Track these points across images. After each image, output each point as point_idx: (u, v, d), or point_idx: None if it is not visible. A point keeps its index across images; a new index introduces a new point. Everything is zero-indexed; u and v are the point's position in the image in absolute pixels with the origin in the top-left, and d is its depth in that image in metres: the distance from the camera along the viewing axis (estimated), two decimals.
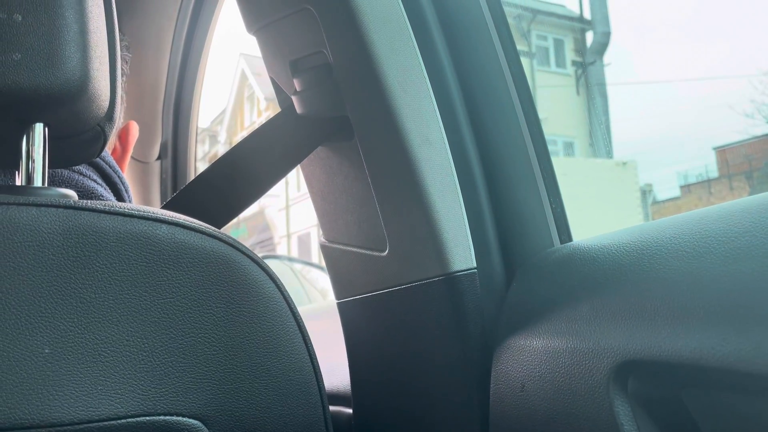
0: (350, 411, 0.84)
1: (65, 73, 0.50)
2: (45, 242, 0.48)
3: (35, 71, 0.49)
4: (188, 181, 0.95)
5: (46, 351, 0.47)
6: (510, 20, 0.76)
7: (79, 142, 0.57)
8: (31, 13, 0.50)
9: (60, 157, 0.57)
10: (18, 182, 0.54)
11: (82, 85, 0.51)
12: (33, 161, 0.53)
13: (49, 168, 0.55)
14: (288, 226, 15.44)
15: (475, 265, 0.66)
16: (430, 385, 0.70)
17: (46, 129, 0.54)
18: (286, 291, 0.57)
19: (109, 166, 0.79)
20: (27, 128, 0.53)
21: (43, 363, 0.47)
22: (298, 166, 0.80)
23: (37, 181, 0.54)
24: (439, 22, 0.71)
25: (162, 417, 0.50)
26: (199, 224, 0.54)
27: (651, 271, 0.53)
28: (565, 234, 0.71)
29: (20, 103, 0.50)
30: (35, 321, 0.47)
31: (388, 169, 0.69)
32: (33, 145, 0.53)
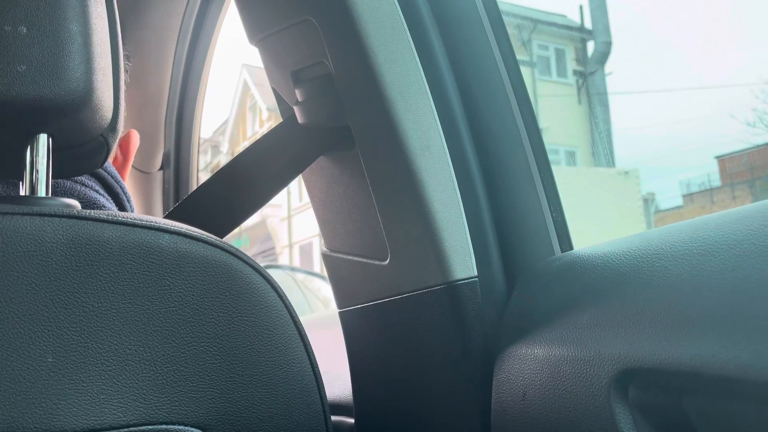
0: (352, 421, 0.84)
1: (69, 85, 0.51)
2: (49, 252, 0.49)
3: (40, 83, 0.50)
4: (190, 191, 0.96)
5: (50, 360, 0.48)
6: (511, 30, 0.77)
7: (82, 152, 0.57)
8: (35, 25, 0.50)
9: (63, 167, 0.58)
10: (22, 192, 0.55)
11: (85, 96, 0.52)
12: (37, 172, 0.54)
13: (52, 178, 0.55)
14: (290, 235, 15.45)
15: (476, 273, 0.67)
16: (432, 393, 0.70)
17: (50, 140, 0.54)
18: (288, 300, 0.57)
19: (111, 176, 0.79)
20: (31, 139, 0.54)
21: (47, 372, 0.47)
22: (300, 175, 0.81)
23: (41, 192, 0.54)
24: (439, 31, 0.72)
25: (164, 426, 0.50)
26: (201, 233, 0.54)
27: (651, 279, 0.53)
28: (565, 242, 0.71)
29: (25, 115, 0.51)
30: (38, 330, 0.48)
31: (388, 178, 0.69)
32: (37, 155, 0.54)
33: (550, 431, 0.56)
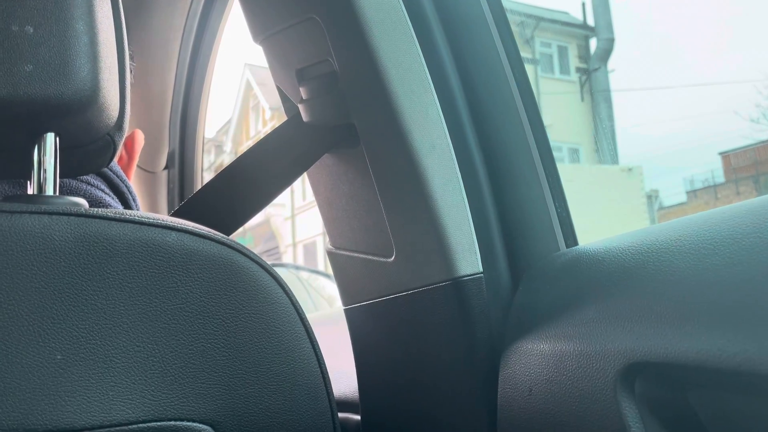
0: (358, 418, 0.84)
1: (76, 84, 0.51)
2: (57, 250, 0.49)
3: (47, 82, 0.50)
4: (195, 191, 0.96)
5: (58, 357, 0.48)
6: (514, 28, 0.77)
7: (89, 151, 0.57)
8: (42, 25, 0.51)
9: (71, 166, 0.58)
10: (29, 191, 0.55)
11: (92, 95, 0.52)
12: (44, 171, 0.54)
13: (59, 177, 0.56)
14: (294, 234, 15.46)
15: (481, 269, 0.67)
16: (438, 390, 0.70)
17: (57, 139, 0.54)
18: (295, 297, 0.57)
19: (117, 175, 0.80)
20: (38, 138, 0.54)
21: (55, 369, 0.48)
22: (305, 173, 0.81)
23: (49, 191, 0.54)
24: (443, 29, 0.72)
25: (172, 422, 0.50)
26: (208, 231, 0.55)
27: (656, 273, 0.53)
28: (570, 238, 0.71)
29: (32, 114, 0.51)
30: (47, 327, 0.48)
31: (393, 175, 0.69)
32: (44, 155, 0.54)
33: (556, 426, 0.56)
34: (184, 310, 0.52)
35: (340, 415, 0.88)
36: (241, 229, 0.80)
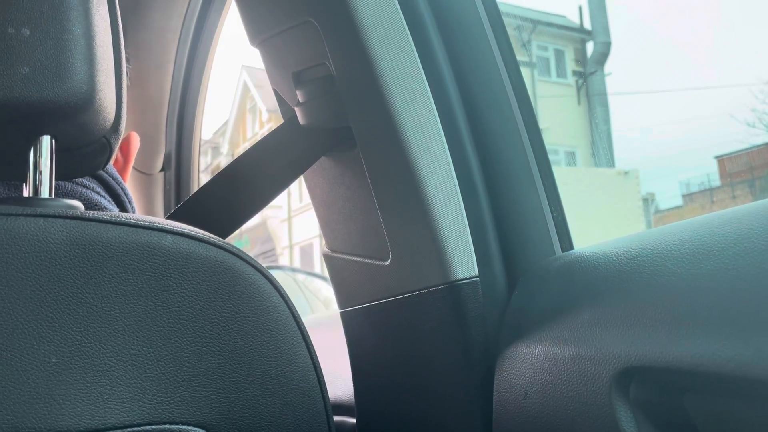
0: (353, 421, 0.84)
1: (72, 86, 0.51)
2: (52, 253, 0.49)
3: (43, 84, 0.50)
4: (192, 193, 0.96)
5: (53, 360, 0.48)
6: (511, 31, 0.77)
7: (85, 154, 0.57)
8: (39, 27, 0.51)
9: (66, 169, 0.58)
10: (25, 194, 0.55)
11: (88, 98, 0.52)
12: (40, 173, 0.54)
13: (55, 180, 0.56)
14: (290, 237, 15.45)
15: (477, 273, 0.67)
16: (433, 393, 0.70)
17: (53, 141, 0.54)
18: (290, 300, 0.57)
19: (113, 178, 0.80)
20: (34, 141, 0.54)
21: (50, 372, 0.48)
22: (301, 176, 0.81)
23: (44, 193, 0.54)
24: (440, 33, 0.72)
25: (167, 425, 0.50)
26: (203, 234, 0.54)
27: (652, 277, 0.53)
28: (566, 242, 0.71)
29: (28, 116, 0.51)
30: (42, 330, 0.48)
31: (390, 178, 0.69)
32: (40, 157, 0.54)
33: (551, 430, 0.56)
34: (180, 314, 0.52)
35: (336, 418, 0.88)
36: (237, 231, 0.79)
